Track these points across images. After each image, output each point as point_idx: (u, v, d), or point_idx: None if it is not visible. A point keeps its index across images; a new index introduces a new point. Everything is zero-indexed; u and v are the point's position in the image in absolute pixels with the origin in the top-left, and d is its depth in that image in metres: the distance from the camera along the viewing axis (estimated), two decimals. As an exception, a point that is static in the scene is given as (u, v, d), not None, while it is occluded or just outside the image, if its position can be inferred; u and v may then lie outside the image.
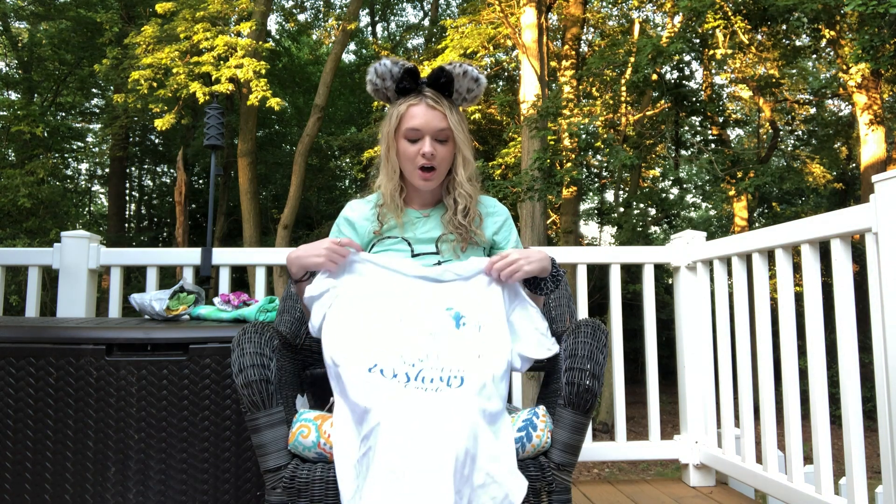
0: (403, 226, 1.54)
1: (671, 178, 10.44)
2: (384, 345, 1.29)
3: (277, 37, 15.87)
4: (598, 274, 9.92)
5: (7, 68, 13.56)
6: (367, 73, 1.54)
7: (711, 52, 8.26)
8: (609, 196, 13.91)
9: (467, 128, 1.56)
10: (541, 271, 1.42)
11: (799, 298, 2.00)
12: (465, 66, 1.52)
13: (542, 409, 1.35)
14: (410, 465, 1.09)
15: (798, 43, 9.19)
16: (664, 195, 9.74)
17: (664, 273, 12.47)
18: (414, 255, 1.52)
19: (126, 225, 15.58)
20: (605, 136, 8.27)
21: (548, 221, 10.20)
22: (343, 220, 1.60)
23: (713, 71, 10.11)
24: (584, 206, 15.35)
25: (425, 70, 1.59)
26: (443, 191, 1.57)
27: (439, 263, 1.50)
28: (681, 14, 8.39)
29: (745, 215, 12.47)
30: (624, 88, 8.64)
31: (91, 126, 14.64)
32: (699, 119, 8.82)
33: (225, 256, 2.51)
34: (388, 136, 1.52)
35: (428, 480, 1.07)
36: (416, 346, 1.29)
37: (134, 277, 9.79)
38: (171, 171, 16.70)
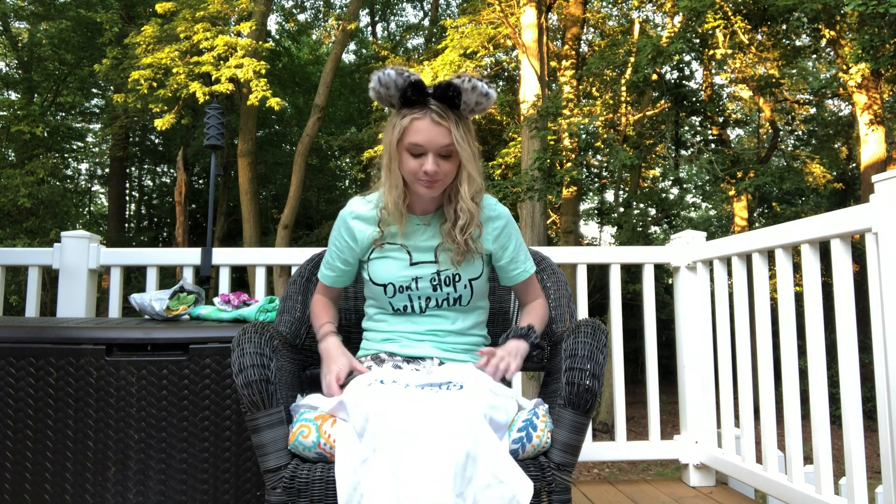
0: (405, 233, 1.53)
1: (671, 178, 10.44)
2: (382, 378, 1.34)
3: (277, 37, 15.88)
4: (598, 274, 9.92)
5: (7, 68, 13.57)
6: (370, 80, 1.47)
7: (711, 52, 8.26)
8: (609, 196, 13.90)
9: (475, 143, 1.48)
10: (524, 355, 1.47)
11: (799, 298, 2.00)
12: (475, 80, 1.44)
13: (542, 410, 1.35)
14: (411, 468, 1.10)
15: (798, 43, 9.19)
16: (664, 195, 9.74)
17: (664, 273, 12.47)
18: (413, 264, 1.51)
19: (126, 225, 15.58)
20: (605, 136, 8.28)
21: (548, 221, 10.20)
22: (344, 229, 1.56)
23: (713, 71, 10.12)
24: (584, 206, 15.34)
25: (425, 71, 1.55)
26: (444, 199, 1.53)
27: (438, 273, 1.51)
28: (681, 14, 8.40)
29: (745, 215, 12.46)
30: (624, 88, 8.65)
31: (91, 126, 14.65)
32: (699, 119, 8.83)
33: (225, 256, 2.51)
34: (390, 146, 1.46)
35: (428, 484, 1.08)
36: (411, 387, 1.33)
37: (134, 277, 9.79)
38: (171, 171, 16.71)
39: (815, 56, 10.52)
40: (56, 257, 2.46)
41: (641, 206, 9.57)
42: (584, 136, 7.91)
